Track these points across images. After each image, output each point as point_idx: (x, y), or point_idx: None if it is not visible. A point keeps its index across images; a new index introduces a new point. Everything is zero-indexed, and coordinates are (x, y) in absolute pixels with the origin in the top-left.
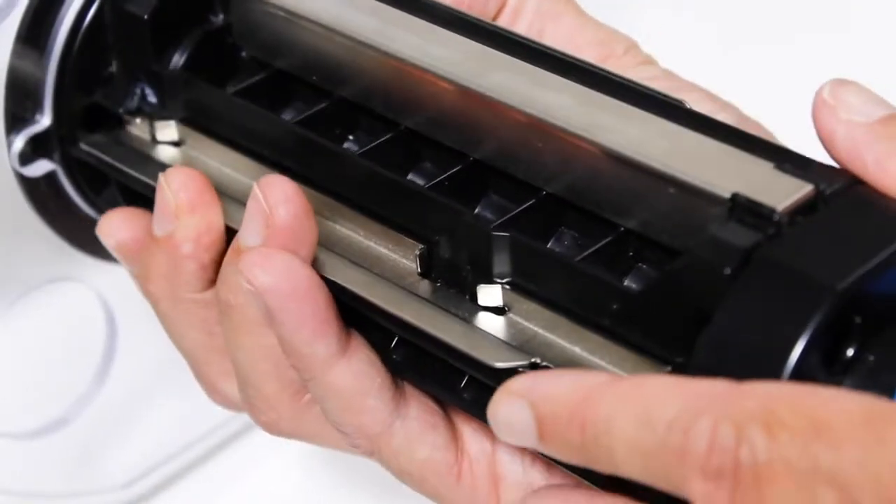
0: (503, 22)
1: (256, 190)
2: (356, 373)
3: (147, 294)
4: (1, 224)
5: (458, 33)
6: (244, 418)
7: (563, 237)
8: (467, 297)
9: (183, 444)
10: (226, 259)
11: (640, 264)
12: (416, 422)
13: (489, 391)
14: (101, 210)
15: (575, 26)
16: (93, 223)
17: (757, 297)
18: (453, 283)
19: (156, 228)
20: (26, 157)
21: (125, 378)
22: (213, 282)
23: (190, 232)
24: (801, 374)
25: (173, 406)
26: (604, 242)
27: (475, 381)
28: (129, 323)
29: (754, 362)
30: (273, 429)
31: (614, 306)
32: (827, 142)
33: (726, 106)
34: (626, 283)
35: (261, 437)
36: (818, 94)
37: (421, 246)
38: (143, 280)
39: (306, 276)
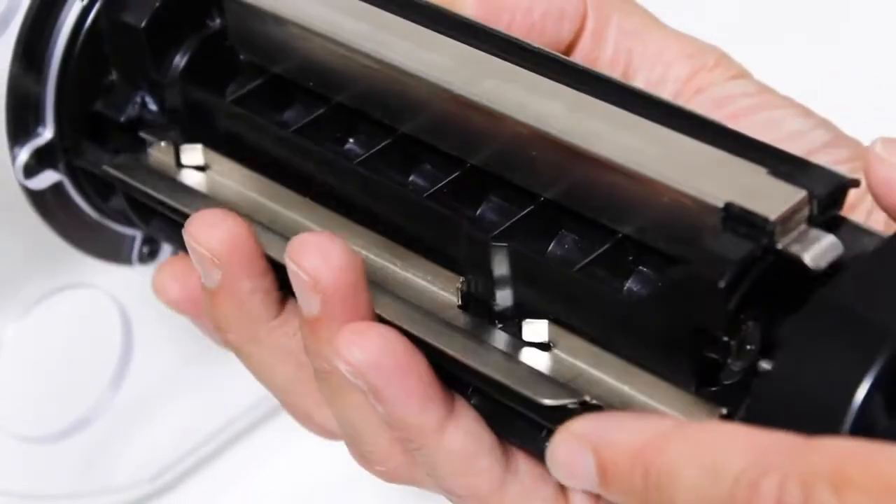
0: (584, 47)
1: (288, 261)
2: (467, 433)
3: (228, 343)
4: (12, 234)
5: (454, 37)
6: (259, 411)
7: (565, 240)
8: (511, 330)
9: (198, 440)
10: (302, 332)
11: (641, 267)
12: (528, 476)
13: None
14: (109, 216)
15: (661, 41)
16: (102, 228)
17: (816, 342)
18: (495, 316)
19: (206, 282)
20: (31, 170)
21: (140, 379)
22: (283, 301)
23: (240, 271)
24: (864, 419)
25: (186, 403)
26: (602, 250)
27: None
28: (145, 324)
29: (815, 409)
30: (388, 476)
31: (615, 321)
32: (885, 188)
33: (823, 122)
34: (627, 285)
35: (274, 429)
36: (870, 150)
37: (462, 279)
38: (218, 332)
39: (403, 346)
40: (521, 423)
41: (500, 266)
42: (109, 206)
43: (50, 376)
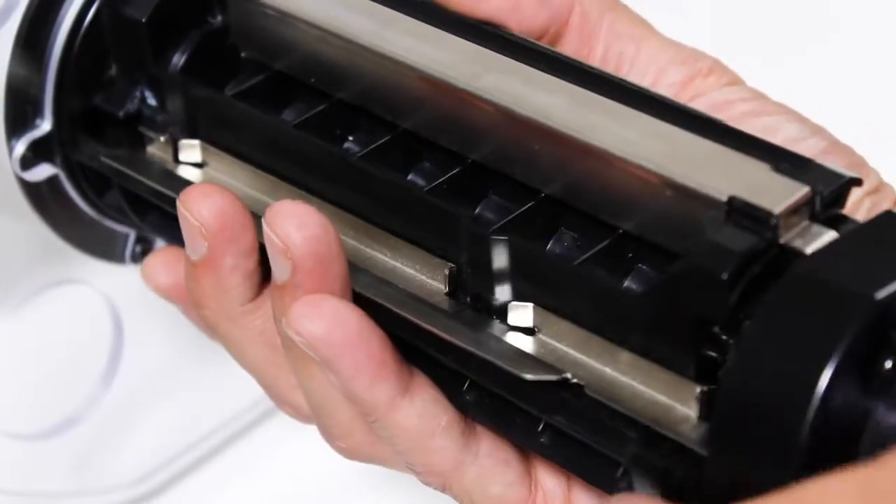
0: (572, 46)
1: (265, 226)
2: (421, 413)
3: (203, 320)
4: (5, 228)
5: (455, 33)
6: (253, 413)
7: (564, 237)
8: (497, 316)
9: (192, 440)
10: (272, 298)
11: (640, 265)
12: (488, 459)
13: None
14: (103, 212)
15: (655, 47)
16: (96, 225)
17: (789, 311)
18: (483, 304)
19: (191, 254)
20: (27, 162)
21: (132, 377)
22: (261, 286)
23: (226, 245)
24: (836, 387)
25: (181, 402)
26: (601, 245)
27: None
28: (136, 322)
29: (787, 377)
30: (351, 454)
31: (615, 312)
32: None
33: (818, 129)
34: (627, 283)
35: (270, 429)
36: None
37: (450, 265)
38: (195, 308)
39: (356, 320)
40: (519, 419)
41: (501, 260)
42: (104, 202)
43: (40, 373)
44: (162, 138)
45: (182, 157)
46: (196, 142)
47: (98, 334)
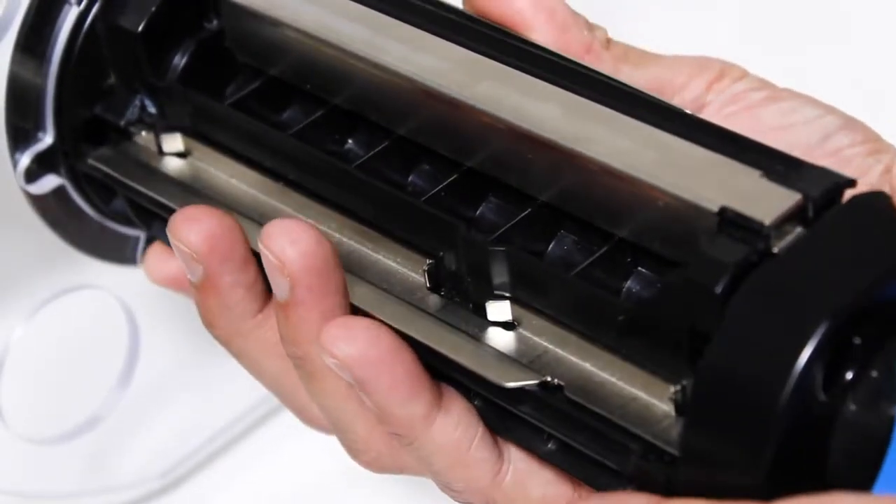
0: None
1: (260, 245)
2: (457, 423)
3: (216, 339)
4: (18, 237)
5: (450, 39)
6: (255, 413)
7: (564, 241)
8: (476, 312)
9: (194, 441)
10: (276, 317)
11: (640, 268)
12: (523, 462)
13: None
14: (111, 217)
15: (667, 72)
16: (105, 230)
17: (752, 322)
18: (462, 298)
19: (190, 277)
20: (32, 174)
21: (149, 378)
22: (266, 297)
23: (220, 265)
24: (800, 397)
25: (183, 404)
26: (600, 252)
27: None
28: (151, 324)
29: (752, 389)
30: (376, 467)
31: (611, 323)
32: None
33: (831, 109)
34: (626, 286)
35: (278, 427)
36: None
37: (428, 261)
38: (207, 328)
39: (388, 337)
40: (524, 426)
41: (499, 269)
42: (112, 207)
43: (57, 377)
44: (144, 132)
45: (165, 148)
46: (177, 133)
47: (113, 337)
